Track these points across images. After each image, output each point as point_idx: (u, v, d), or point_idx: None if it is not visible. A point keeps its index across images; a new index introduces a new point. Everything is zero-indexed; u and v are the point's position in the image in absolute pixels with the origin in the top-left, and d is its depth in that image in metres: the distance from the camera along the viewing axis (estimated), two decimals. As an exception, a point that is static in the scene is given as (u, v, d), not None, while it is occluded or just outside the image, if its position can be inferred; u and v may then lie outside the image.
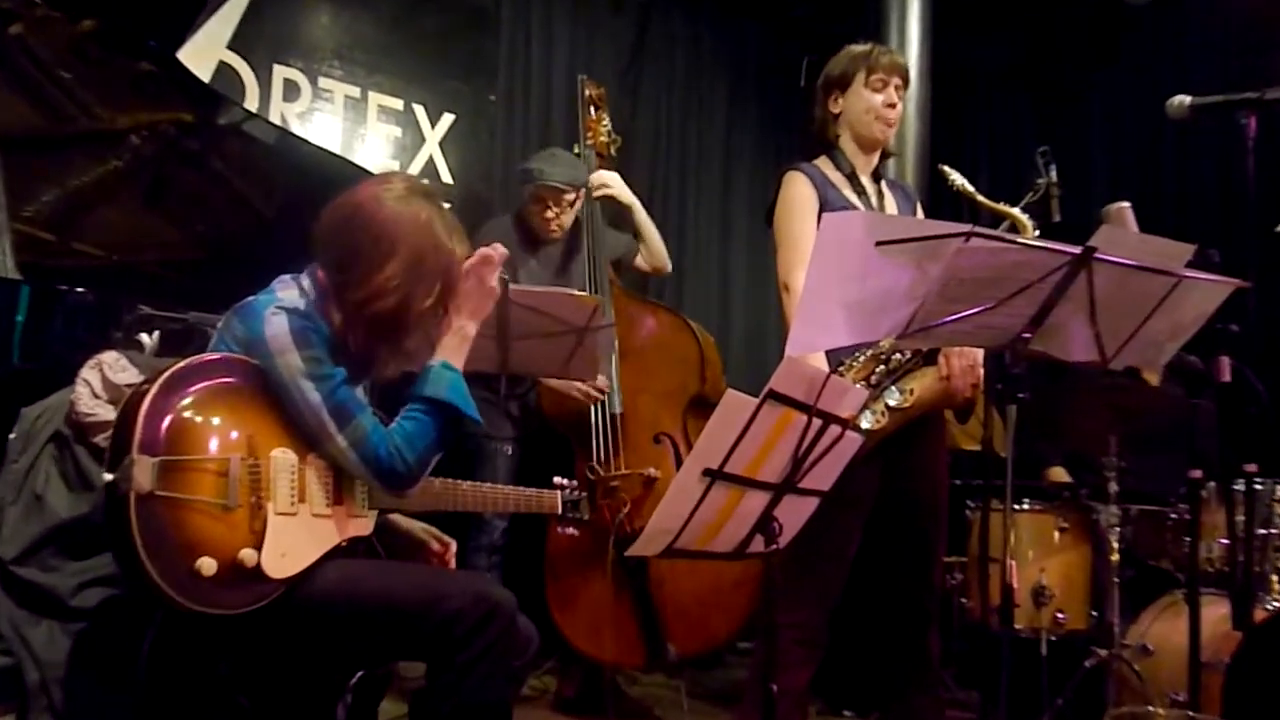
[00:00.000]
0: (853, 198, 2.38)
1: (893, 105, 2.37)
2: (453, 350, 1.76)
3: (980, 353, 2.27)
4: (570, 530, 2.15)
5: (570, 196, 3.10)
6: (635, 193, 3.23)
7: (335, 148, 3.51)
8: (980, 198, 2.24)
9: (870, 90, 2.38)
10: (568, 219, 3.14)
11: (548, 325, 2.14)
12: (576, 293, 2.34)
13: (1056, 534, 2.89)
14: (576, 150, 3.18)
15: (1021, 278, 1.61)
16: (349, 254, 1.65)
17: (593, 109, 3.15)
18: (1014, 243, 1.60)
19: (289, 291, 1.70)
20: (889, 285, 1.57)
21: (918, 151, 4.07)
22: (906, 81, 2.42)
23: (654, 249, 3.26)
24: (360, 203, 1.68)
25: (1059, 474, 3.30)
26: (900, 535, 2.30)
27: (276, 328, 1.64)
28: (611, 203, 3.20)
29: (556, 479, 2.12)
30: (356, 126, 3.64)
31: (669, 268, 3.34)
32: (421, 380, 1.75)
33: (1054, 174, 2.38)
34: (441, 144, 3.76)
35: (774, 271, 2.36)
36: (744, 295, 4.63)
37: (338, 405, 1.66)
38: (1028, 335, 1.69)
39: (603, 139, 3.16)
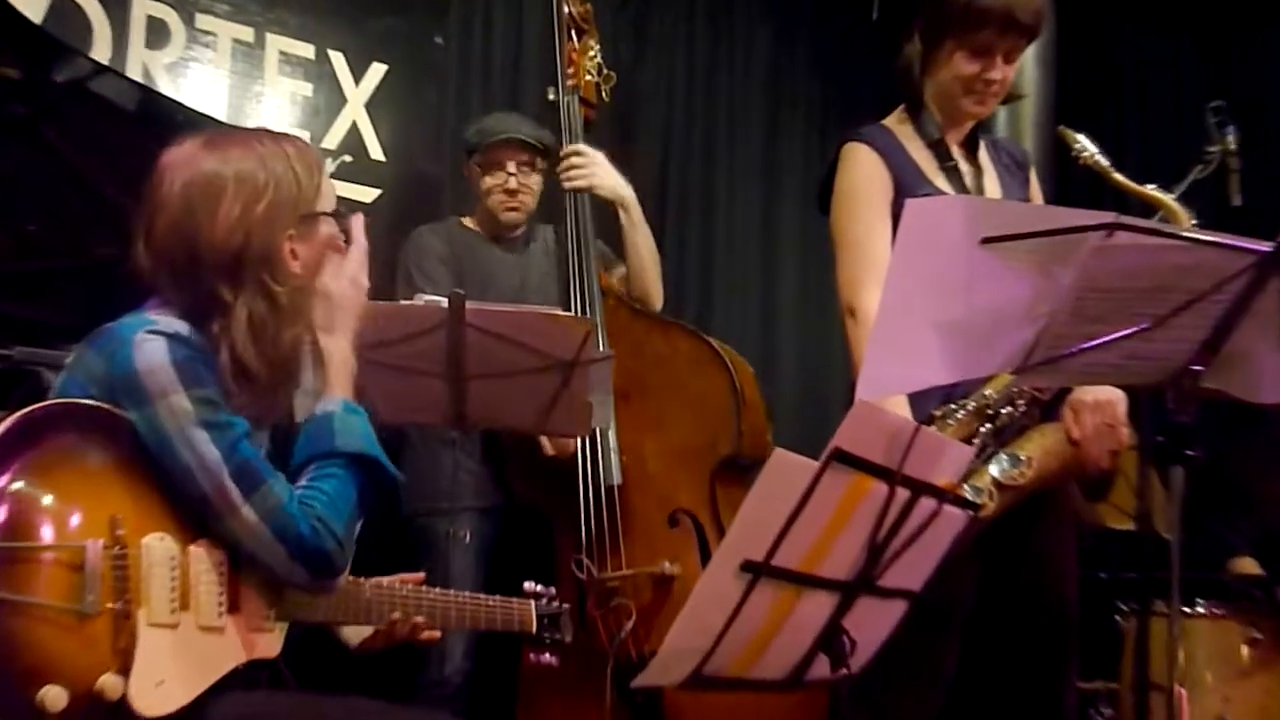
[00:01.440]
0: (939, 178, 2.38)
1: (993, 81, 2.35)
2: (343, 385, 1.77)
3: (1122, 405, 2.27)
4: (547, 658, 2.11)
5: (527, 157, 3.15)
6: (635, 180, 3.18)
7: (220, 112, 3.45)
8: (1118, 176, 2.22)
9: (966, 56, 2.36)
10: (530, 197, 3.19)
11: (520, 359, 2.17)
12: (560, 313, 2.37)
13: (1245, 649, 2.86)
14: (551, 96, 3.17)
15: (1188, 287, 1.60)
16: (182, 226, 1.67)
17: (573, 34, 3.10)
18: (1178, 238, 1.59)
19: (165, 313, 1.69)
20: (1000, 300, 1.57)
21: (1038, 108, 4.02)
22: (1033, 33, 2.38)
23: (640, 270, 3.16)
24: (170, 163, 1.73)
25: (1247, 565, 3.29)
26: (1013, 652, 2.30)
27: (152, 358, 1.62)
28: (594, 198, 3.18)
29: (527, 585, 2.10)
30: (249, 82, 3.59)
31: (658, 302, 3.24)
32: (319, 430, 1.75)
33: (1232, 139, 2.40)
34: (369, 106, 3.71)
35: (835, 281, 2.39)
36: (795, 312, 4.57)
37: (242, 465, 1.65)
38: (1198, 368, 1.68)
39: (588, 77, 3.13)
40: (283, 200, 1.70)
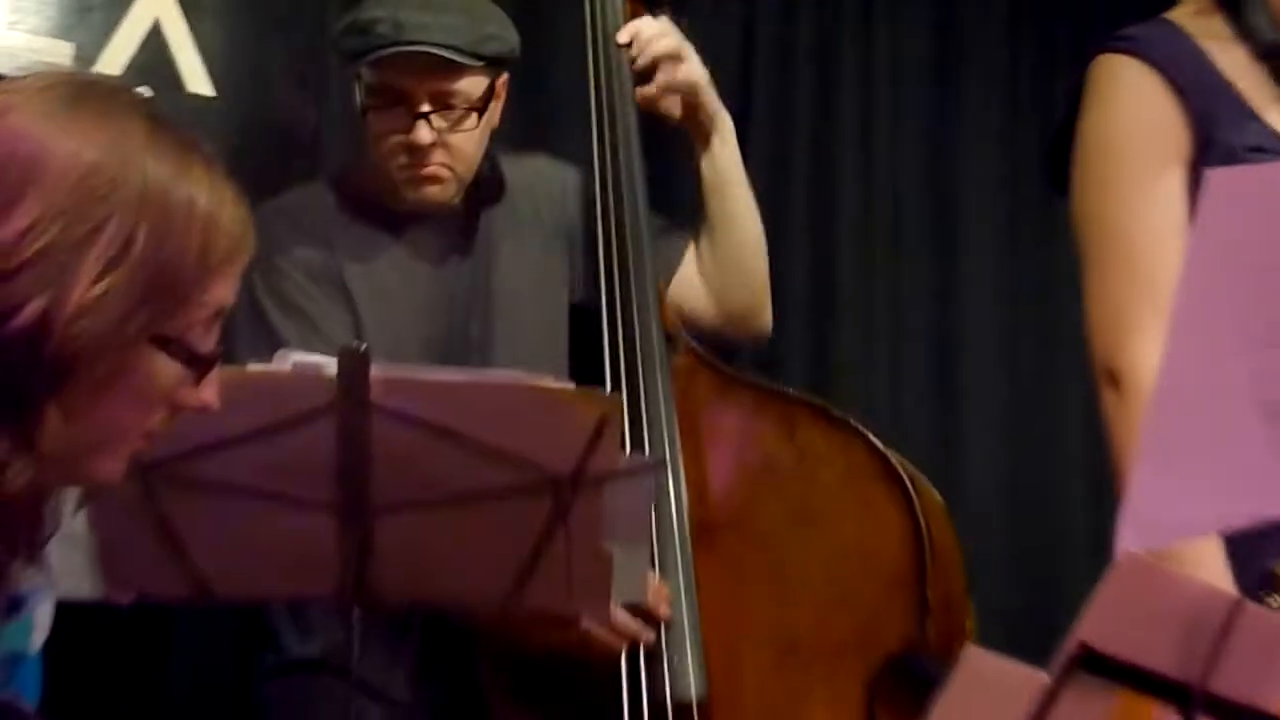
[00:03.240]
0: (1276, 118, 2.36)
1: None
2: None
3: None
4: None
5: (452, 85, 2.87)
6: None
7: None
8: None
9: None
10: (461, 160, 2.91)
11: (474, 471, 2.12)
12: (553, 383, 2.23)
13: None
14: None
15: None
16: None
17: None
18: None
19: None
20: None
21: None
22: None
23: (732, 263, 3.07)
24: None
25: None
26: None
27: None
28: (654, 106, 2.98)
29: None
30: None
31: (767, 324, 3.13)
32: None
33: None
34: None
35: (1070, 319, 2.42)
36: (993, 377, 4.42)
37: None
38: None
39: None
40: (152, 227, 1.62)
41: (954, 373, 4.44)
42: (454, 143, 2.90)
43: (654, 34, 3.06)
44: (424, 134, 2.86)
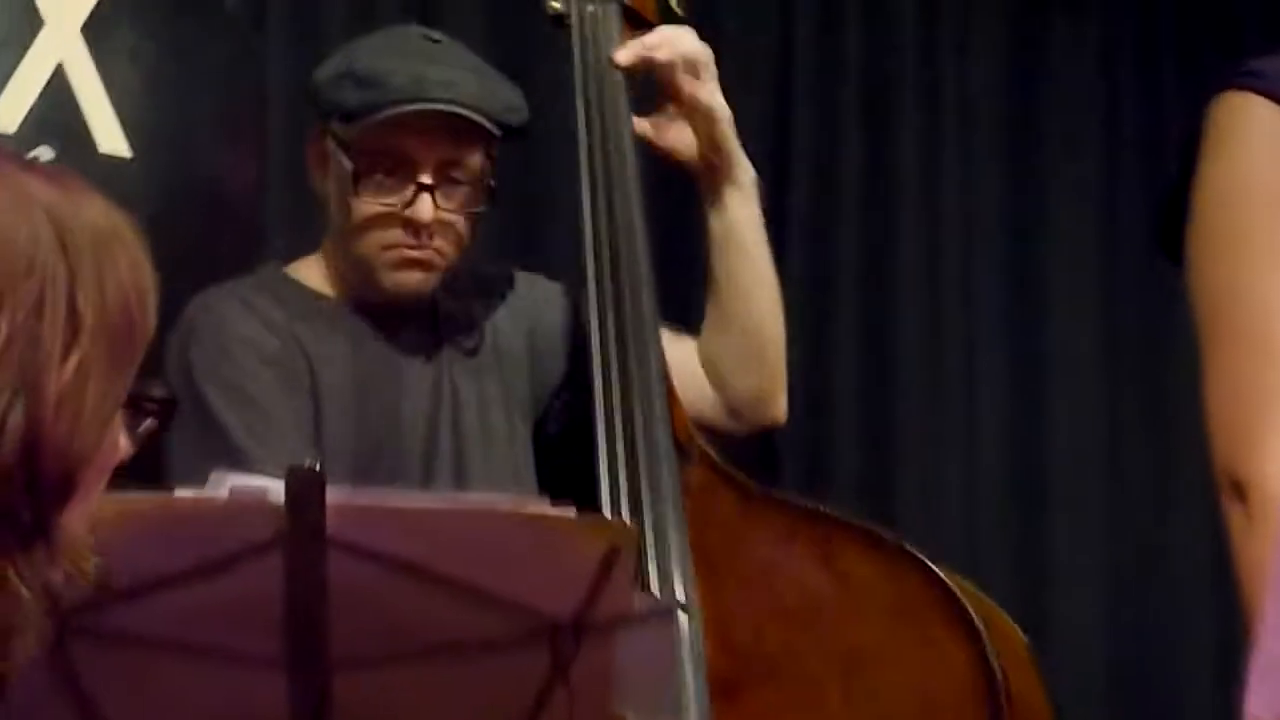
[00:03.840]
0: None
1: None
2: None
3: None
4: None
5: (462, 154, 2.86)
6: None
7: None
8: None
9: None
10: (453, 244, 2.89)
11: (451, 617, 2.09)
12: (550, 510, 2.17)
13: None
14: None
15: None
16: None
17: None
18: None
19: None
20: None
21: None
22: None
23: (750, 333, 3.06)
24: None
25: None
26: None
27: None
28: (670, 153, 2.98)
29: None
30: None
31: (780, 413, 3.08)
32: None
33: None
34: (91, 31, 3.59)
35: (1185, 411, 2.57)
36: (1090, 481, 4.34)
37: None
38: None
39: None
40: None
41: (1039, 475, 4.38)
42: (453, 224, 2.87)
43: (665, 37, 3.04)
44: (425, 210, 2.84)
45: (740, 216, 3.07)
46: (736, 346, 3.10)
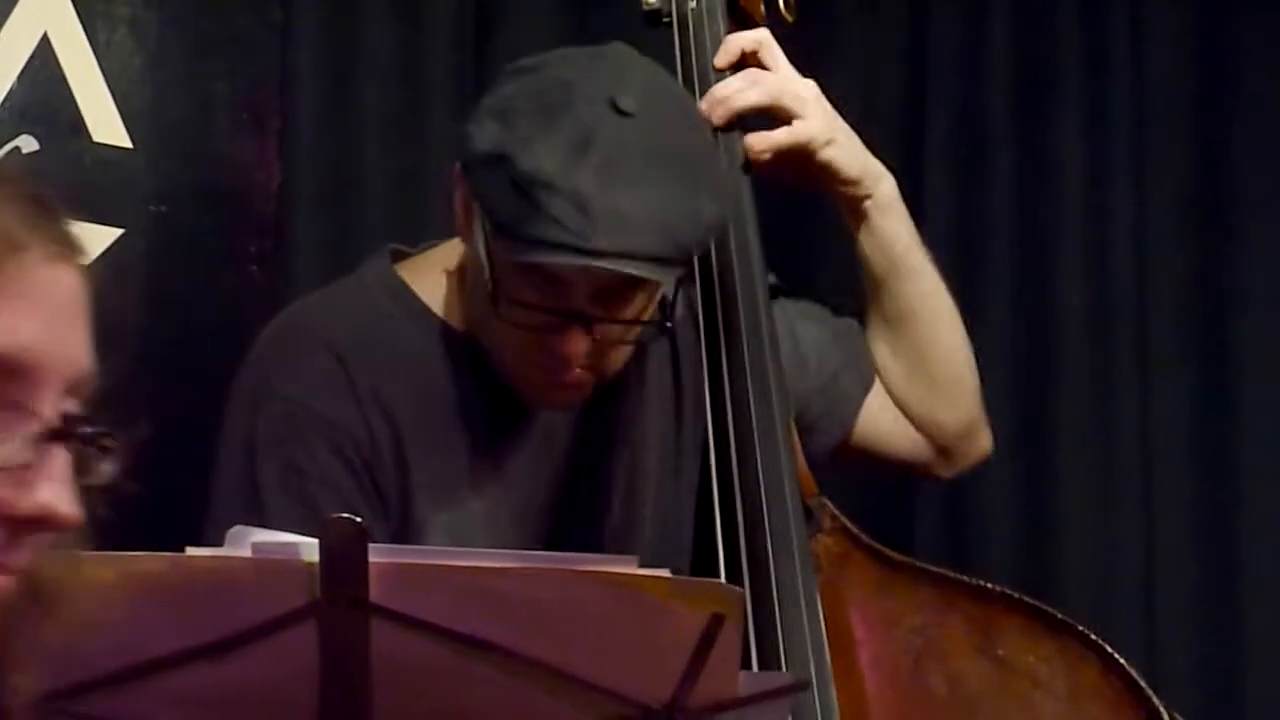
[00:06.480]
0: None
1: None
2: None
3: None
4: None
5: (630, 295, 2.68)
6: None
7: None
8: None
9: None
10: (603, 370, 2.73)
11: (521, 698, 1.96)
12: (641, 571, 2.02)
13: None
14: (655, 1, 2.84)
15: None
16: None
17: None
18: None
19: None
20: None
21: None
22: None
23: (922, 349, 2.98)
24: None
25: None
26: None
27: None
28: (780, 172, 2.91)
29: None
30: None
31: (987, 443, 3.00)
32: None
33: None
34: (83, 6, 3.50)
35: None
36: None
37: None
38: None
39: None
40: None
41: (1230, 545, 4.18)
42: (609, 350, 2.68)
43: (732, 90, 2.87)
44: (580, 346, 2.63)
45: (890, 232, 2.96)
46: (934, 379, 3.03)
